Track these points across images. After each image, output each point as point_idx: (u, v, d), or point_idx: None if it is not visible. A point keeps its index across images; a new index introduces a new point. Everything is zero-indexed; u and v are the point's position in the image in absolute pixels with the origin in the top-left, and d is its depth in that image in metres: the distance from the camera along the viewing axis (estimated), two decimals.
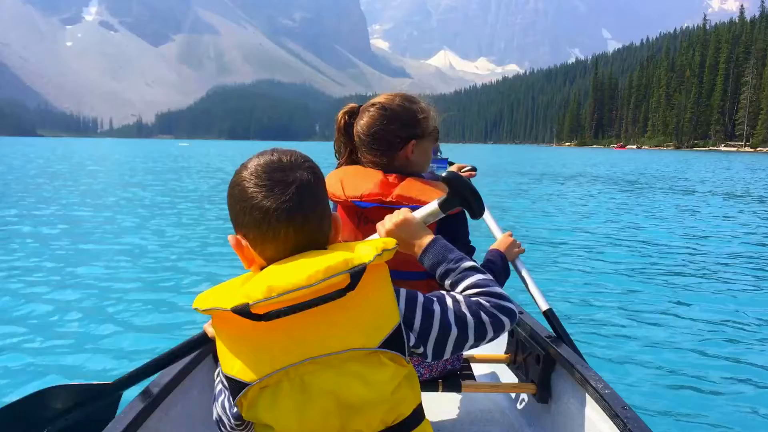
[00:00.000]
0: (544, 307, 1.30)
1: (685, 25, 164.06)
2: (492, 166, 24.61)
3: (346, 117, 1.17)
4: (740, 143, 75.52)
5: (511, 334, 1.52)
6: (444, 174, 0.74)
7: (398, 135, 1.11)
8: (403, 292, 0.71)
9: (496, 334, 0.73)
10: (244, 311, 0.60)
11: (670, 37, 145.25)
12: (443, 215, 0.79)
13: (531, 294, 1.34)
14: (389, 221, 0.85)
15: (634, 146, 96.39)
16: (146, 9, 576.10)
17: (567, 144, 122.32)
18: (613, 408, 1.00)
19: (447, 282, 0.79)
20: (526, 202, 10.26)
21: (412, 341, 0.70)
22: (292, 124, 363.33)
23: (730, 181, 17.11)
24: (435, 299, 0.73)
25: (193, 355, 1.07)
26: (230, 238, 0.70)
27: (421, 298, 0.72)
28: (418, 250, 0.84)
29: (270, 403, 0.63)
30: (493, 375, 1.69)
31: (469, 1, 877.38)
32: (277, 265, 0.66)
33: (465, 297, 0.74)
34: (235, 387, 0.64)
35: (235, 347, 0.64)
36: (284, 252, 0.68)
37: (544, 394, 1.30)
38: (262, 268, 0.68)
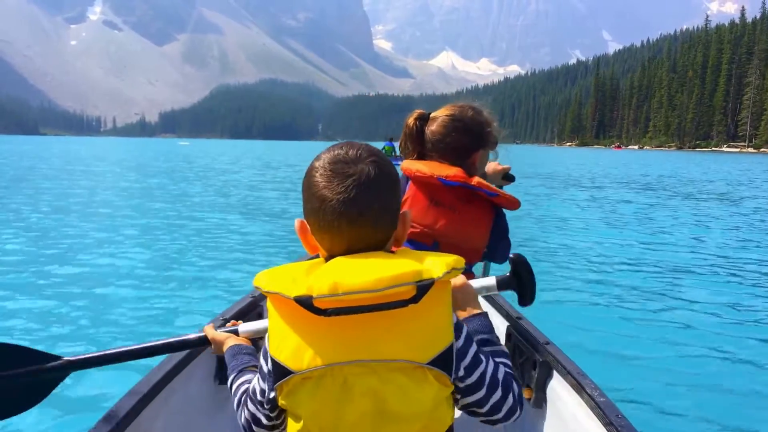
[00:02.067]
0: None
1: (685, 26, 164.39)
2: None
3: (417, 123, 1.27)
4: (743, 144, 75.93)
5: (508, 338, 1.53)
6: (512, 255, 0.75)
7: (470, 147, 1.25)
8: (464, 329, 0.71)
9: (504, 419, 0.73)
10: (306, 303, 0.61)
11: (671, 39, 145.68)
12: (496, 292, 0.80)
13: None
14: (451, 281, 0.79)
15: (636, 147, 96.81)
16: (150, 8, 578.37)
17: (568, 144, 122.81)
18: (607, 416, 1.01)
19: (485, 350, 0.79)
20: (546, 209, 9.67)
21: (461, 372, 0.69)
22: (295, 123, 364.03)
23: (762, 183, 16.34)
24: (485, 354, 0.73)
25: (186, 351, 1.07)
26: (297, 221, 0.72)
27: (475, 346, 0.71)
28: (466, 314, 0.85)
29: (310, 396, 0.64)
30: None
31: (471, 3, 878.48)
32: (344, 261, 0.65)
33: (504, 368, 0.75)
34: (279, 372, 0.65)
35: (286, 333, 0.65)
36: (340, 245, 0.68)
37: (539, 399, 1.31)
38: (328, 257, 0.69)
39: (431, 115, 1.26)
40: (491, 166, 1.51)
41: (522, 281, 0.76)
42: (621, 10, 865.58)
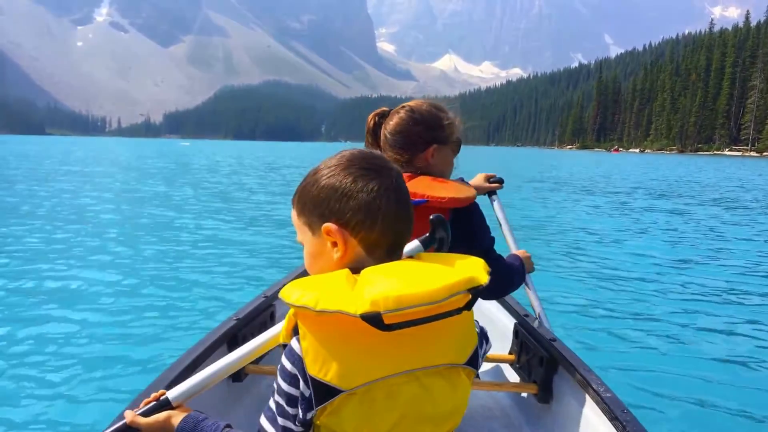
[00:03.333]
0: (548, 336, 1.37)
1: (687, 31, 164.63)
2: (506, 171, 23.61)
3: (376, 118, 1.23)
4: (745, 148, 75.59)
5: (516, 335, 1.54)
6: (431, 217, 0.77)
7: (421, 137, 1.16)
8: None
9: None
10: (376, 320, 0.58)
11: (673, 43, 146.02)
12: (422, 250, 0.81)
13: (537, 316, 1.47)
14: None
15: (637, 150, 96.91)
16: (156, 10, 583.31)
17: (569, 147, 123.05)
18: (613, 411, 1.02)
19: None
20: (569, 215, 9.07)
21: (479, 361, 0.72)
22: (298, 124, 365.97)
23: None
24: None
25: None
26: (328, 225, 0.67)
27: None
28: None
29: (354, 411, 0.62)
30: (497, 374, 1.71)
31: (475, 6, 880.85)
32: (391, 270, 0.64)
33: None
34: (324, 392, 0.61)
35: (332, 351, 0.61)
36: (389, 238, 0.68)
37: (545, 394, 1.33)
38: (354, 266, 0.67)
39: (391, 111, 1.23)
40: (478, 177, 1.47)
41: (442, 238, 0.78)
42: (623, 15, 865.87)
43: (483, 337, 0.79)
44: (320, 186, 0.69)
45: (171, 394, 0.78)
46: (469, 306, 0.65)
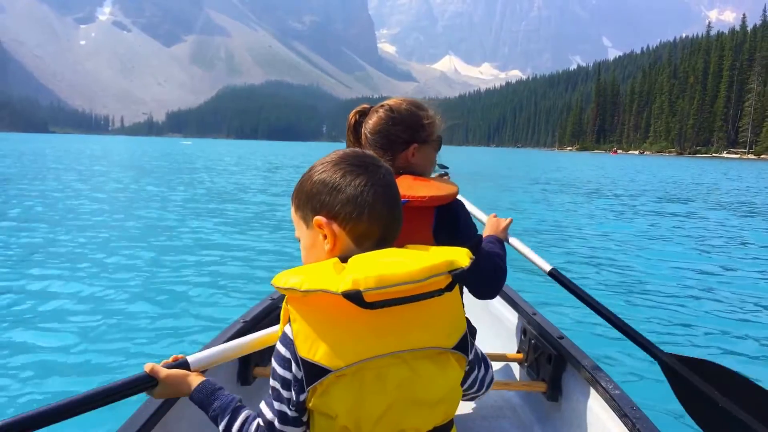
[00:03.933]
0: (547, 268, 1.35)
1: (684, 34, 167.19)
2: (503, 173, 24.17)
3: (357, 116, 1.22)
4: (743, 150, 76.82)
5: (524, 334, 1.54)
6: None
7: (401, 136, 1.15)
8: None
9: None
10: (356, 297, 0.61)
11: (670, 46, 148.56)
12: None
13: (531, 260, 1.39)
14: None
15: (636, 152, 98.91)
16: (159, 10, 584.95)
17: (569, 148, 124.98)
18: (622, 408, 1.03)
19: None
20: (581, 221, 8.99)
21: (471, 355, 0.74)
22: (299, 124, 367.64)
23: None
24: None
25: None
26: (319, 218, 0.71)
27: None
28: None
29: (344, 392, 0.64)
30: (506, 373, 1.71)
31: (475, 8, 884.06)
32: (376, 256, 0.67)
33: None
34: (314, 372, 0.64)
35: (320, 332, 0.64)
36: (376, 230, 0.71)
37: (554, 392, 1.33)
38: (344, 257, 0.69)
39: (371, 109, 1.22)
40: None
41: None
42: (621, 18, 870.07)
43: (483, 361, 0.80)
44: (313, 181, 0.73)
45: (190, 358, 0.83)
46: (450, 287, 0.66)
